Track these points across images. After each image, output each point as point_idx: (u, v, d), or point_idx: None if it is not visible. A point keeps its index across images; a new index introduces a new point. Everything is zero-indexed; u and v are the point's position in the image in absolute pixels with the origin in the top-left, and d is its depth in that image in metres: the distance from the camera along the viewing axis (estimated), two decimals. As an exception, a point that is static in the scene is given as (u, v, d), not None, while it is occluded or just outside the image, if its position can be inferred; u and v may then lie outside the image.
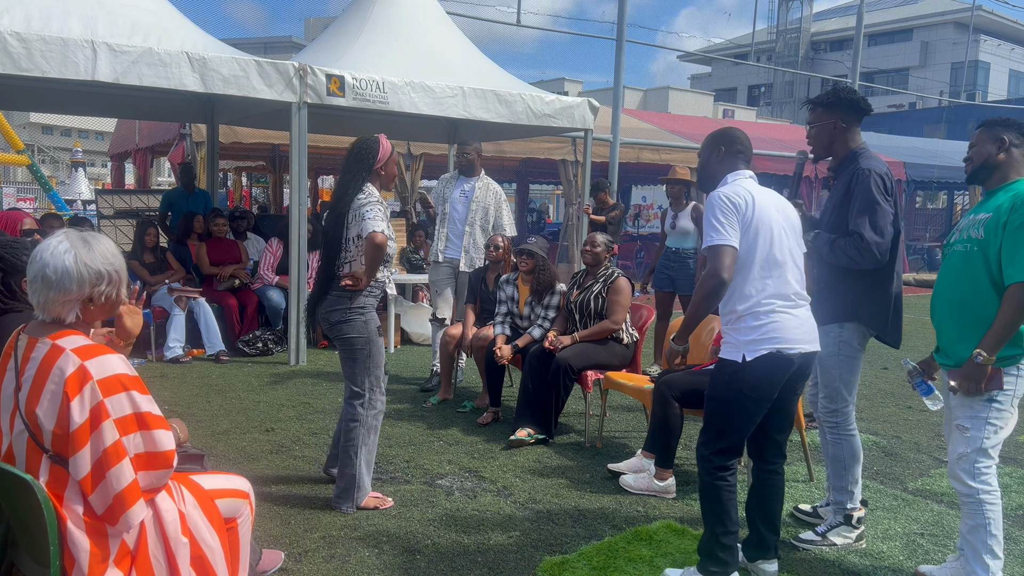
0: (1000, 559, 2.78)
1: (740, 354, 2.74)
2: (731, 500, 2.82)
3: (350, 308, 3.45)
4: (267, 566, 2.92)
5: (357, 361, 3.51)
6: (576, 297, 4.86)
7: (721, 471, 2.80)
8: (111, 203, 10.32)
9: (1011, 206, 2.65)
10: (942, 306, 2.88)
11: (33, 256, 1.97)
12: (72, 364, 1.88)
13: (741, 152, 2.92)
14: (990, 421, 2.73)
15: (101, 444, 1.88)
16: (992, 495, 2.75)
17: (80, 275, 1.95)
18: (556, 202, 29.73)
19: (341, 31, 7.71)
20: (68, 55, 5.30)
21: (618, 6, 10.69)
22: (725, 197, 2.74)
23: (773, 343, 2.71)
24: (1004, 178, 2.79)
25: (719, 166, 2.93)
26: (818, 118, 3.31)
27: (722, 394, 2.80)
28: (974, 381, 2.68)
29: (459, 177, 5.90)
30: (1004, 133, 2.78)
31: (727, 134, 2.95)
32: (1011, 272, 2.61)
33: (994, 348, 2.63)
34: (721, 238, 2.68)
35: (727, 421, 2.80)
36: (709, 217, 2.74)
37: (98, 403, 1.88)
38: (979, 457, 2.75)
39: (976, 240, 2.74)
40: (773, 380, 2.74)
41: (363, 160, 3.51)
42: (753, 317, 2.73)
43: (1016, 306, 2.59)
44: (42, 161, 34.63)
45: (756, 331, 2.72)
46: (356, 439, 3.52)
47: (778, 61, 40.73)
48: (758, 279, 2.74)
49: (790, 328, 2.74)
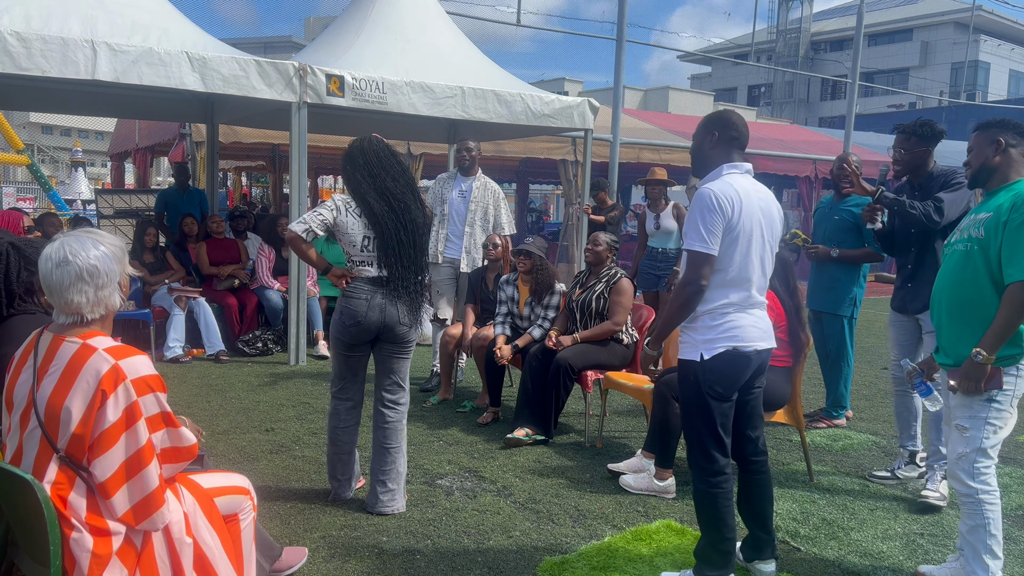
0: (1000, 559, 2.78)
1: (698, 353, 2.75)
2: (727, 506, 2.81)
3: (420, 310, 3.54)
4: (291, 561, 2.90)
5: (407, 361, 3.58)
6: (578, 296, 4.86)
7: (713, 476, 2.79)
8: (111, 203, 10.33)
9: (1011, 205, 2.66)
10: (942, 305, 2.89)
11: (56, 264, 1.96)
12: (106, 363, 1.92)
13: (736, 139, 2.83)
14: (989, 421, 2.73)
15: (136, 443, 1.93)
16: (991, 495, 2.76)
17: (113, 254, 2.03)
18: (556, 202, 29.72)
19: (341, 31, 7.71)
20: (68, 55, 5.30)
21: (618, 6, 10.68)
22: (714, 197, 2.68)
23: (730, 341, 2.73)
24: (1004, 179, 2.80)
25: (712, 151, 2.85)
26: (913, 146, 3.94)
27: (690, 398, 2.81)
28: (973, 380, 2.68)
29: (457, 176, 5.88)
30: (1000, 134, 2.80)
31: (722, 118, 2.87)
32: (1011, 271, 2.61)
33: (994, 347, 2.63)
34: (704, 246, 2.67)
35: (701, 424, 2.79)
36: (695, 217, 2.70)
37: (132, 403, 1.92)
38: (978, 457, 2.75)
39: (977, 239, 2.75)
40: (732, 377, 2.76)
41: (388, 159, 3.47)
42: (710, 317, 2.75)
43: (1016, 305, 2.59)
44: (42, 161, 34.63)
45: (712, 330, 2.74)
46: (402, 439, 3.58)
47: (778, 61, 40.76)
48: (724, 286, 2.74)
49: (746, 327, 2.76)
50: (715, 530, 2.81)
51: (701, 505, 2.84)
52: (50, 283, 1.97)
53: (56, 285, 1.97)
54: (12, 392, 2.01)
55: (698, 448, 2.82)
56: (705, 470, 2.80)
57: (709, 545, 2.83)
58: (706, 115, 3.00)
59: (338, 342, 3.49)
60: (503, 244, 5.59)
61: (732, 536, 2.83)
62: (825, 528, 3.54)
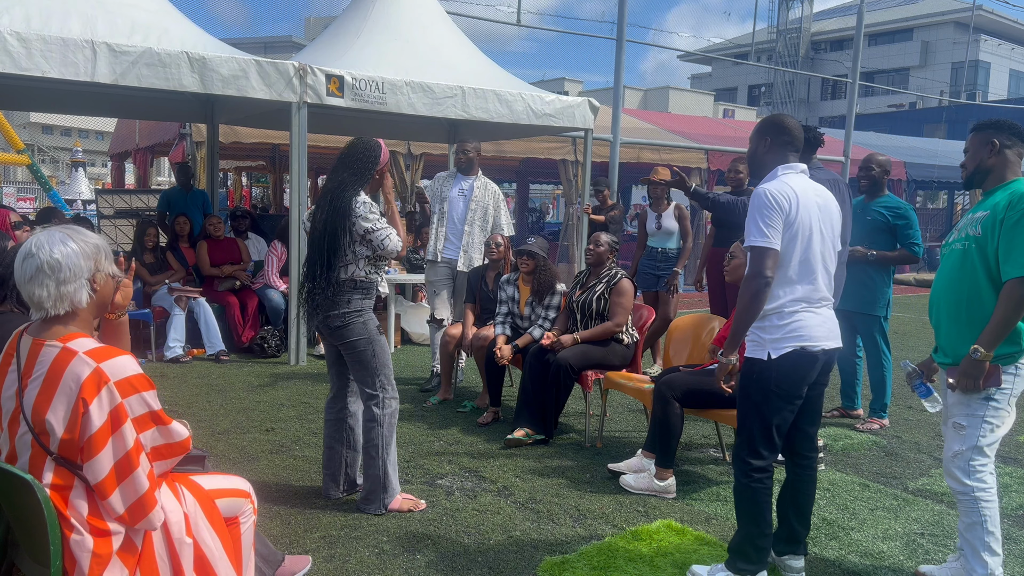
0: (999, 555, 2.78)
1: (766, 352, 2.76)
2: (766, 502, 2.84)
3: (348, 312, 3.43)
4: (294, 568, 2.87)
5: (364, 363, 3.48)
6: (579, 297, 4.85)
7: (757, 472, 2.81)
8: (111, 203, 10.32)
9: (1008, 203, 2.68)
10: (940, 304, 2.90)
11: (23, 258, 1.97)
12: (87, 367, 1.89)
13: (789, 142, 2.88)
14: (987, 419, 2.74)
15: (123, 446, 1.90)
16: (988, 492, 2.76)
17: (83, 250, 1.98)
18: (557, 202, 29.71)
19: (341, 31, 7.71)
20: (68, 55, 5.29)
21: (618, 5, 10.66)
22: (770, 195, 2.72)
23: (797, 340, 2.75)
24: (1000, 179, 2.82)
25: (767, 156, 2.91)
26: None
27: (753, 395, 2.81)
28: (972, 378, 2.68)
29: (457, 176, 5.86)
30: (995, 136, 2.81)
31: (775, 123, 2.92)
32: (1008, 268, 2.63)
33: (992, 344, 2.64)
34: (766, 241, 2.70)
35: (757, 421, 2.80)
36: (754, 214, 2.73)
37: (117, 405, 1.90)
38: (975, 455, 2.77)
39: (974, 238, 2.76)
40: (799, 376, 2.77)
41: (366, 162, 3.45)
42: (778, 316, 2.76)
43: (1013, 302, 2.60)
44: (42, 161, 34.63)
45: (780, 329, 2.75)
46: (376, 439, 3.49)
47: (778, 61, 40.75)
48: (789, 282, 2.77)
49: (813, 326, 2.77)
50: (754, 525, 2.83)
51: (741, 499, 2.86)
52: (17, 275, 1.98)
53: (20, 277, 1.97)
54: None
55: (748, 444, 2.83)
56: (750, 465, 2.82)
57: (746, 540, 2.85)
58: (760, 120, 3.03)
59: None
60: (505, 244, 5.59)
61: (769, 532, 2.87)
62: (825, 528, 3.54)
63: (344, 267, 3.39)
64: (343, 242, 3.36)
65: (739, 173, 5.57)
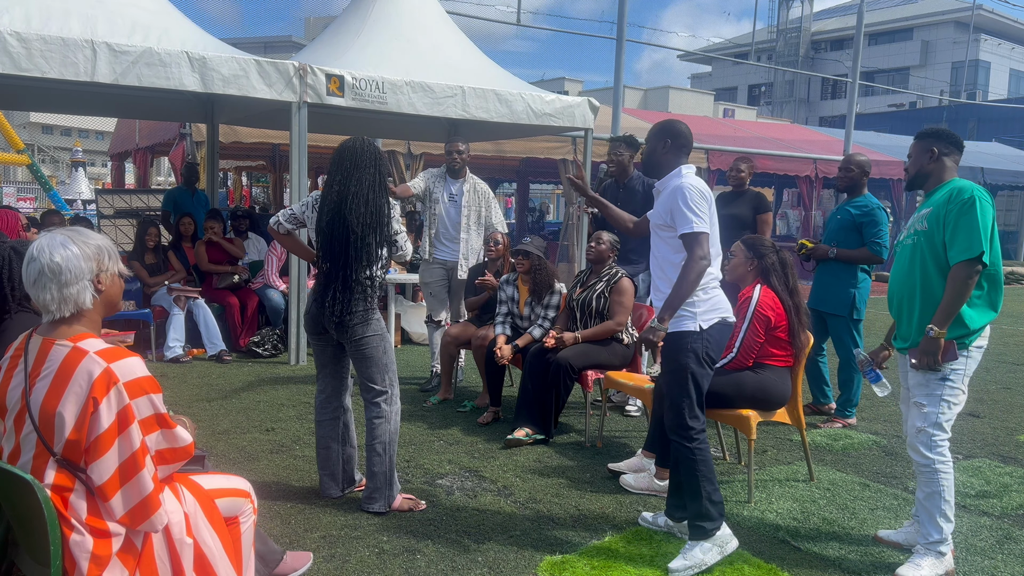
0: (951, 523, 3.07)
1: (697, 324, 3.10)
2: (711, 458, 3.16)
3: (365, 309, 3.44)
4: (295, 565, 2.88)
5: (375, 359, 3.49)
6: (579, 296, 4.85)
7: (698, 433, 3.12)
8: (111, 203, 10.32)
9: (947, 199, 3.00)
10: (896, 295, 3.19)
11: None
12: (98, 366, 1.91)
13: (684, 147, 3.25)
14: (944, 398, 3.03)
15: (130, 447, 1.92)
16: (946, 465, 3.05)
17: (83, 253, 2.00)
18: (556, 202, 29.71)
19: (341, 30, 7.71)
20: (68, 55, 5.29)
21: (618, 5, 10.67)
22: (695, 188, 3.08)
23: (719, 312, 3.16)
24: (939, 180, 3.14)
25: (665, 157, 3.24)
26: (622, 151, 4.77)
27: (690, 364, 3.10)
28: (930, 355, 2.97)
29: (446, 179, 5.73)
30: (934, 144, 3.14)
31: (673, 128, 3.26)
32: (953, 253, 2.95)
33: (943, 322, 2.94)
34: (703, 226, 3.04)
35: (692, 389, 3.10)
36: (686, 205, 3.04)
37: (125, 406, 1.91)
38: (935, 431, 3.05)
39: (922, 232, 3.08)
40: (722, 343, 3.19)
41: (380, 161, 3.45)
42: (704, 291, 3.12)
43: (959, 282, 2.92)
44: (42, 161, 34.63)
45: (706, 303, 3.13)
46: (384, 436, 3.50)
47: (778, 60, 40.76)
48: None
49: (724, 299, 3.21)
50: (708, 482, 3.09)
51: (692, 463, 3.10)
52: (25, 280, 2.01)
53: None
54: (4, 396, 2.00)
55: (688, 412, 3.11)
56: (693, 428, 3.11)
57: (705, 500, 3.08)
58: (654, 125, 3.35)
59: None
60: (504, 243, 5.58)
61: (718, 486, 3.14)
62: (825, 528, 3.54)
63: (369, 267, 3.44)
64: (375, 243, 3.39)
65: (741, 172, 5.57)
